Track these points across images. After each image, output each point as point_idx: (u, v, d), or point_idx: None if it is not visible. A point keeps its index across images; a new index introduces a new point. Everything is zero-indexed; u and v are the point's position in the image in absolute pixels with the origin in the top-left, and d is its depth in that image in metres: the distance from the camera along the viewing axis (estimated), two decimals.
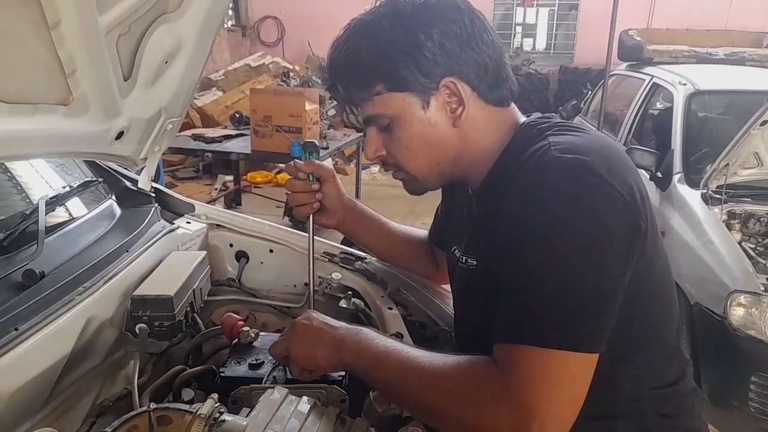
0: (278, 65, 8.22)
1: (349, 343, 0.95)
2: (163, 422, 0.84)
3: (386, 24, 0.91)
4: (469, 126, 0.95)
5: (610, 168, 0.82)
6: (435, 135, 0.95)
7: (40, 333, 0.98)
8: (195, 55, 1.30)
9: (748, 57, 4.84)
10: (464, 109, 0.93)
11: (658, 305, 0.94)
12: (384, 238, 1.38)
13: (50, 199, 1.31)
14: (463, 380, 0.83)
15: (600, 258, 0.79)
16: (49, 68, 0.99)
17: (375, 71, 0.92)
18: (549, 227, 0.79)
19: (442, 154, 0.97)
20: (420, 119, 0.94)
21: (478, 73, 0.93)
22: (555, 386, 0.77)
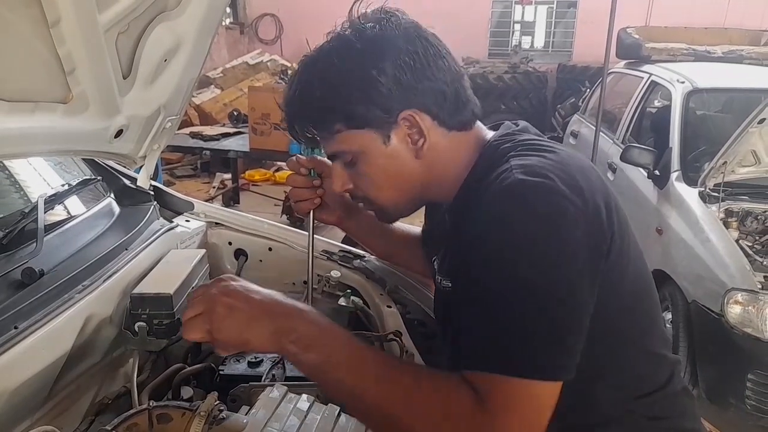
0: (276, 63, 8.21)
1: (297, 330, 0.80)
2: (163, 420, 0.84)
3: (337, 61, 0.89)
4: (433, 155, 0.94)
5: (572, 187, 0.80)
6: (399, 167, 0.94)
7: (39, 331, 0.98)
8: (194, 53, 1.30)
9: (746, 55, 4.85)
10: (426, 140, 0.92)
11: (634, 315, 0.92)
12: (383, 236, 1.37)
13: (49, 197, 1.31)
14: (439, 404, 0.78)
15: (567, 284, 0.77)
16: (48, 66, 0.99)
17: (331, 110, 0.91)
18: (511, 250, 0.77)
19: (407, 184, 0.96)
20: (382, 153, 0.92)
21: (436, 101, 0.91)
22: (525, 415, 0.76)
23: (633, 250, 0.90)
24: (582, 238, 0.79)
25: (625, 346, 0.92)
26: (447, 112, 0.93)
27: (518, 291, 0.76)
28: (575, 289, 0.78)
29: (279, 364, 1.14)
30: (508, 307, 0.77)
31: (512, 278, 0.77)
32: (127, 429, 0.83)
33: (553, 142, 0.92)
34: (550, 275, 0.76)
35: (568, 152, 0.90)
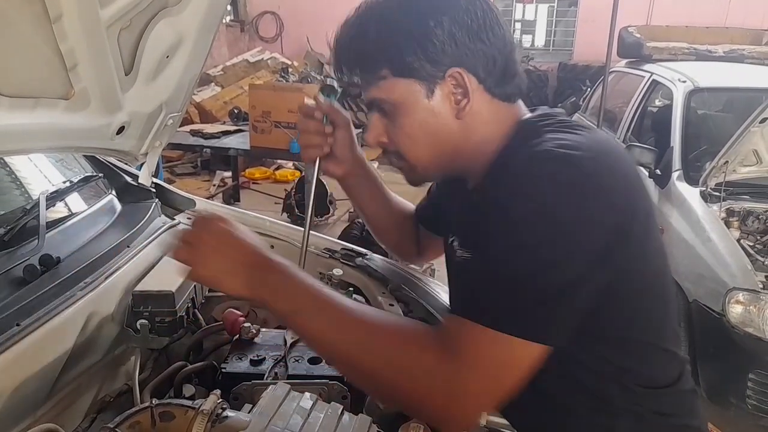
0: (277, 61, 8.20)
1: (271, 280, 0.84)
2: (166, 418, 0.83)
3: (396, 7, 0.89)
4: (473, 119, 0.93)
5: (602, 167, 0.81)
6: (437, 125, 0.92)
7: (41, 329, 0.97)
8: (196, 49, 1.30)
9: (747, 54, 4.85)
10: (468, 102, 0.91)
11: (651, 313, 0.92)
12: (381, 204, 1.31)
13: (51, 194, 1.31)
14: (401, 345, 0.81)
15: (569, 252, 0.77)
16: (50, 62, 0.98)
17: (381, 54, 0.90)
18: (524, 213, 0.77)
19: (442, 145, 0.95)
20: (423, 107, 0.91)
21: (486, 66, 0.90)
22: (493, 368, 0.77)
23: (656, 242, 0.90)
24: (599, 217, 0.78)
25: (640, 341, 0.91)
26: (494, 79, 0.91)
27: (520, 251, 0.77)
28: (581, 263, 0.77)
29: (281, 362, 1.13)
30: (506, 264, 0.78)
31: (517, 237, 0.77)
32: (130, 427, 0.82)
33: (593, 126, 0.92)
34: (557, 242, 0.76)
35: (608, 135, 0.90)
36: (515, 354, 0.77)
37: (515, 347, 0.76)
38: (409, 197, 1.35)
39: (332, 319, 0.83)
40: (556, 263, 0.76)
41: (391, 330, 0.84)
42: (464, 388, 0.76)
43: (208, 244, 0.85)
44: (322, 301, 0.84)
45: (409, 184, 1.05)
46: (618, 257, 0.81)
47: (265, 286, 0.84)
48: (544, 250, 0.76)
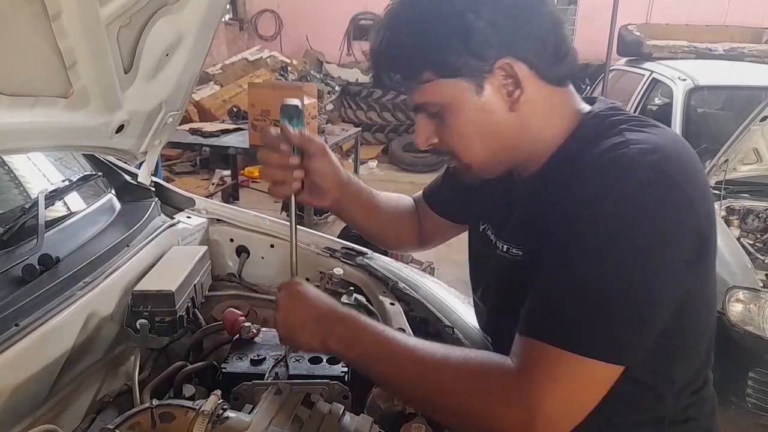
0: (276, 59, 8.17)
1: (339, 332, 0.89)
2: (166, 419, 0.83)
3: (428, 4, 0.83)
4: (529, 109, 0.86)
5: (688, 177, 0.77)
6: (491, 122, 0.86)
7: (40, 329, 0.97)
8: (196, 47, 1.29)
9: (747, 52, 4.85)
10: (522, 92, 0.84)
11: (704, 323, 0.90)
12: (374, 214, 1.22)
13: (50, 193, 1.30)
14: (472, 376, 0.80)
15: (656, 277, 0.74)
16: (49, 60, 0.98)
17: (421, 59, 0.84)
18: (612, 234, 0.73)
19: (499, 141, 0.88)
20: (473, 105, 0.84)
21: (536, 50, 0.83)
22: (571, 391, 0.75)
23: (713, 265, 0.87)
24: (686, 235, 0.76)
25: (689, 350, 0.90)
26: (546, 62, 0.85)
27: (604, 269, 0.74)
28: (663, 284, 0.75)
29: (282, 361, 1.13)
30: (587, 283, 0.74)
31: (602, 255, 0.74)
32: (130, 428, 0.82)
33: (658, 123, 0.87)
34: (643, 263, 0.73)
35: (676, 134, 0.86)
36: (596, 376, 0.75)
37: (596, 370, 0.74)
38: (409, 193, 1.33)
39: (399, 361, 0.84)
40: (644, 289, 0.74)
41: (460, 363, 0.82)
42: (543, 413, 0.74)
43: (285, 309, 0.95)
44: (387, 344, 0.86)
45: (467, 181, 0.98)
46: (698, 270, 0.80)
47: (334, 337, 0.89)
48: (632, 274, 0.73)
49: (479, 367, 0.81)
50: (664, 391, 0.88)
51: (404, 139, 7.73)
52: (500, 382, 0.77)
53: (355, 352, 0.88)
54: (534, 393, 0.74)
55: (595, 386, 0.76)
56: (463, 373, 0.81)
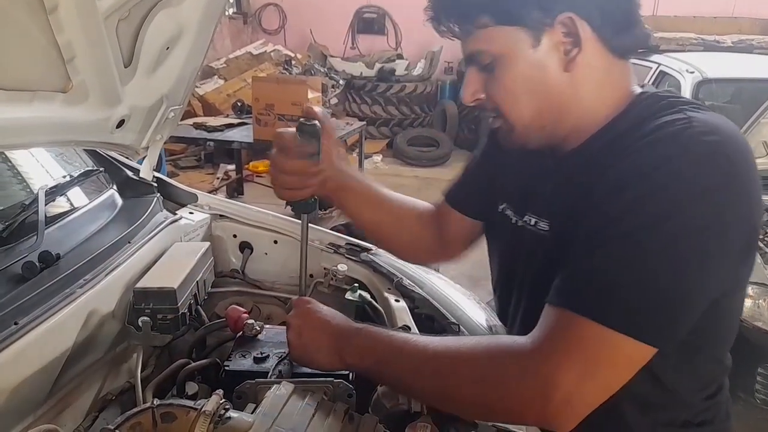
0: (280, 53, 8.15)
1: (352, 345, 0.90)
2: (167, 419, 0.82)
3: None
4: (583, 74, 0.81)
5: (746, 164, 0.74)
6: (542, 79, 0.82)
7: (40, 327, 0.96)
8: (197, 41, 1.27)
9: (756, 44, 4.79)
10: (580, 52, 0.79)
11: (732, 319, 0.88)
12: (377, 206, 1.14)
13: (50, 189, 1.29)
14: (487, 359, 0.78)
15: (705, 261, 0.71)
16: (47, 54, 0.96)
17: (481, 1, 0.80)
18: (663, 211, 0.70)
19: (547, 102, 0.83)
20: (527, 58, 0.80)
21: (603, 11, 0.79)
22: (594, 366, 0.71)
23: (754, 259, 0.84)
24: (740, 222, 0.73)
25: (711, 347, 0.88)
26: (612, 28, 0.80)
27: (649, 247, 0.71)
28: (709, 268, 0.72)
29: (285, 360, 1.11)
30: (631, 259, 0.71)
31: (649, 233, 0.71)
32: (131, 428, 0.80)
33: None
34: (693, 243, 0.70)
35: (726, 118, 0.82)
36: (623, 354, 0.72)
37: (625, 347, 0.71)
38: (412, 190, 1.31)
39: (413, 361, 0.84)
40: (691, 271, 0.71)
41: (471, 348, 0.81)
42: (560, 385, 0.70)
43: (297, 329, 0.95)
44: (399, 347, 0.86)
45: (504, 146, 0.93)
46: (744, 262, 0.78)
47: (350, 350, 0.90)
48: (681, 256, 0.70)
49: (490, 347, 0.80)
50: (683, 392, 0.86)
51: (409, 133, 7.71)
52: (515, 357, 0.75)
53: (372, 361, 0.88)
54: (552, 364, 0.71)
55: (620, 365, 0.72)
56: (475, 358, 0.79)
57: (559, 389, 0.70)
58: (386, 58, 8.22)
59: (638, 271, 0.71)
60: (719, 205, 0.71)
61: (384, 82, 7.85)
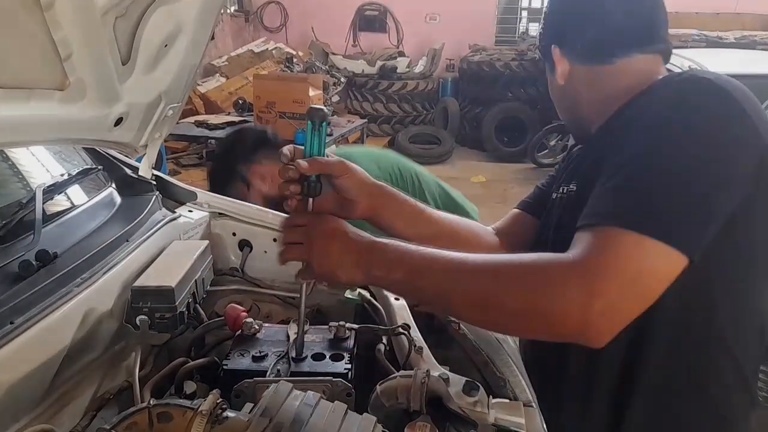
0: (281, 51, 8.15)
1: (380, 258, 0.89)
2: (164, 419, 0.81)
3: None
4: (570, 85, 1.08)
5: (746, 97, 0.85)
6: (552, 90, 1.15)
7: (37, 326, 0.95)
8: (195, 38, 1.27)
9: (759, 40, 4.78)
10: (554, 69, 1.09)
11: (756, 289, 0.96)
12: (425, 227, 1.15)
13: (48, 188, 1.28)
14: (530, 267, 0.81)
15: (718, 165, 0.80)
16: (43, 52, 0.96)
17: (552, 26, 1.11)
18: (672, 125, 0.81)
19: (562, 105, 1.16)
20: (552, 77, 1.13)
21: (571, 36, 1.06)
22: (633, 274, 0.75)
23: None
24: (751, 139, 0.83)
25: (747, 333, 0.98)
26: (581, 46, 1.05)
27: (672, 158, 0.79)
28: (724, 174, 0.81)
29: (284, 358, 1.11)
30: (654, 170, 0.80)
31: (670, 147, 0.80)
32: (127, 428, 0.80)
33: None
34: (711, 152, 0.80)
35: None
36: (660, 261, 0.77)
37: (661, 254, 0.76)
38: None
39: (449, 269, 0.85)
40: (709, 176, 0.79)
41: (514, 261, 0.84)
42: (602, 294, 0.74)
43: (319, 239, 0.91)
44: (434, 257, 0.87)
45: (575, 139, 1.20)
46: (758, 179, 0.84)
47: (377, 261, 0.89)
48: (697, 161, 0.79)
49: (536, 260, 0.82)
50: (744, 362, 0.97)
51: (410, 131, 7.70)
52: (558, 269, 0.78)
53: (403, 272, 0.87)
54: (594, 274, 0.75)
55: (656, 273, 0.77)
56: (518, 267, 0.82)
57: (602, 297, 0.74)
58: (388, 55, 8.22)
59: (661, 180, 0.79)
60: (723, 121, 0.82)
61: (385, 79, 7.86)
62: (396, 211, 1.11)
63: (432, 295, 0.90)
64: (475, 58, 7.84)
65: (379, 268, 0.89)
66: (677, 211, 0.78)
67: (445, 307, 0.95)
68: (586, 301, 0.74)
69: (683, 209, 0.78)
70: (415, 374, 0.96)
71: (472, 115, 7.86)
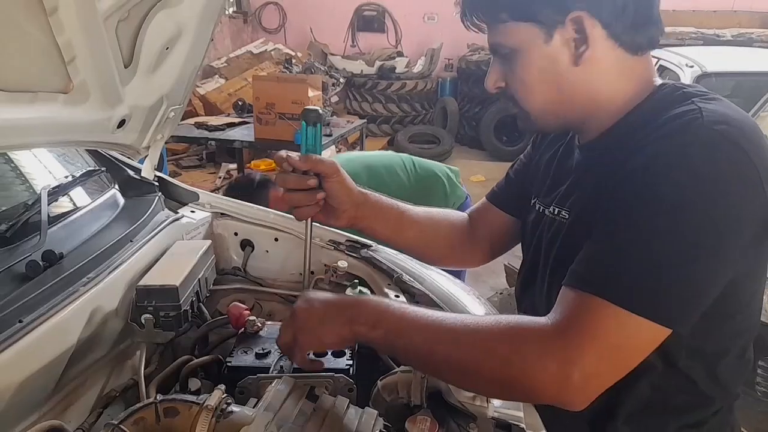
0: (280, 52, 8.15)
1: (363, 314, 0.89)
2: (170, 414, 0.83)
3: None
4: (593, 68, 0.87)
5: (758, 152, 0.77)
6: (553, 72, 0.88)
7: (44, 325, 0.97)
8: (196, 41, 1.28)
9: (756, 38, 4.79)
10: (588, 48, 0.85)
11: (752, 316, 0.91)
12: (407, 229, 1.21)
13: (52, 189, 1.30)
14: (507, 336, 0.80)
15: (718, 244, 0.75)
16: (47, 55, 0.97)
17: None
18: (677, 197, 0.74)
19: (558, 93, 0.90)
20: (540, 53, 0.87)
21: (613, 10, 0.83)
22: (613, 347, 0.75)
23: None
24: (751, 210, 0.76)
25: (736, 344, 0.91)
26: (623, 25, 0.85)
27: (662, 232, 0.75)
28: (721, 251, 0.76)
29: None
30: (644, 243, 0.75)
31: (662, 218, 0.75)
32: (134, 423, 0.82)
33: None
34: (704, 227, 0.74)
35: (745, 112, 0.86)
36: (640, 335, 0.75)
37: (642, 328, 0.74)
38: None
39: (428, 331, 0.85)
40: (705, 254, 0.75)
41: (492, 324, 0.83)
42: (580, 366, 0.73)
43: (300, 312, 0.93)
44: (413, 317, 0.86)
45: (522, 131, 1.03)
46: (757, 252, 0.80)
47: (357, 320, 0.88)
48: (694, 239, 0.74)
49: (513, 325, 0.81)
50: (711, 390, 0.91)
51: (410, 130, 7.71)
52: (536, 336, 0.77)
53: (383, 330, 0.87)
54: (573, 345, 0.74)
55: (638, 345, 0.76)
56: (496, 334, 0.81)
57: (579, 369, 0.73)
58: (386, 55, 8.23)
59: (652, 254, 0.75)
60: (729, 192, 0.75)
61: (384, 79, 7.86)
62: (380, 218, 1.17)
63: (411, 357, 0.90)
64: (474, 58, 7.84)
65: (361, 324, 0.88)
66: (665, 289, 0.75)
67: (423, 369, 0.93)
68: (562, 372, 0.74)
69: (672, 287, 0.75)
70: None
71: (471, 114, 7.86)
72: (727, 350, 0.90)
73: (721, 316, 0.84)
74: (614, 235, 0.79)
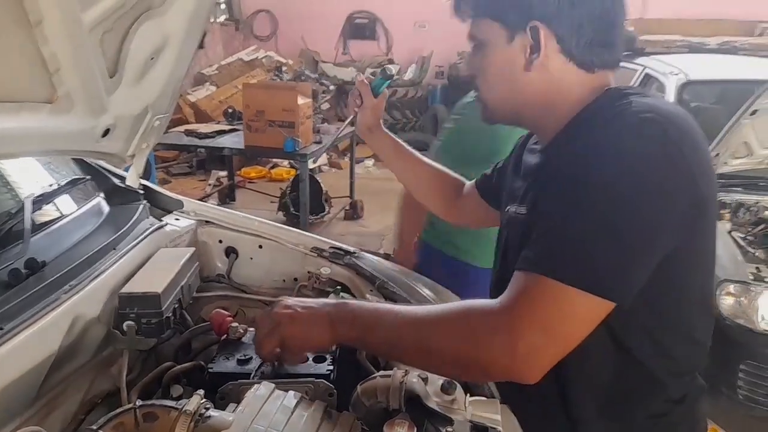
0: (272, 59, 8.17)
1: (341, 316, 0.95)
2: (149, 419, 0.84)
3: None
4: (542, 76, 0.95)
5: (684, 137, 0.84)
6: (509, 71, 0.96)
7: (25, 332, 0.97)
8: (182, 50, 1.29)
9: (740, 46, 4.84)
10: (538, 58, 0.92)
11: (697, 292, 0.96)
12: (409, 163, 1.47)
13: (37, 198, 1.31)
14: (461, 318, 0.88)
15: (647, 215, 0.80)
16: (32, 66, 0.98)
17: None
18: (606, 176, 0.80)
19: (510, 92, 0.99)
20: (501, 51, 0.96)
21: (570, 27, 0.91)
22: (554, 320, 0.80)
23: (714, 219, 0.94)
24: (680, 187, 0.82)
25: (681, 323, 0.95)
26: (578, 45, 0.92)
27: (595, 208, 0.80)
28: (652, 223, 0.81)
29: None
30: (578, 220, 0.81)
31: (595, 195, 0.81)
32: (114, 428, 0.83)
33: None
34: (635, 201, 0.79)
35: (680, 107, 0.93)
36: (580, 308, 0.80)
37: (580, 301, 0.79)
38: None
39: (393, 326, 0.92)
40: (634, 224, 0.80)
41: (444, 310, 0.92)
42: (524, 338, 0.79)
43: (284, 317, 0.97)
44: (381, 314, 0.94)
45: (484, 120, 1.09)
46: (694, 225, 0.85)
47: (338, 322, 0.95)
48: (621, 210, 0.79)
49: (468, 308, 0.89)
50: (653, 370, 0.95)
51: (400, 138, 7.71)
52: (486, 316, 0.84)
53: (358, 330, 0.94)
54: (517, 319, 0.80)
55: (578, 318, 0.81)
56: (453, 318, 0.89)
57: (523, 342, 0.79)
58: (377, 63, 8.26)
59: (585, 229, 0.81)
60: (656, 169, 0.80)
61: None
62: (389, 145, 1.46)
63: (384, 349, 0.99)
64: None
65: (341, 326, 0.95)
66: (597, 259, 0.80)
67: (397, 358, 1.03)
68: (508, 345, 0.80)
69: (603, 258, 0.79)
70: (394, 374, 0.99)
71: None
72: (672, 328, 0.94)
73: (659, 291, 0.87)
74: (551, 216, 0.86)
